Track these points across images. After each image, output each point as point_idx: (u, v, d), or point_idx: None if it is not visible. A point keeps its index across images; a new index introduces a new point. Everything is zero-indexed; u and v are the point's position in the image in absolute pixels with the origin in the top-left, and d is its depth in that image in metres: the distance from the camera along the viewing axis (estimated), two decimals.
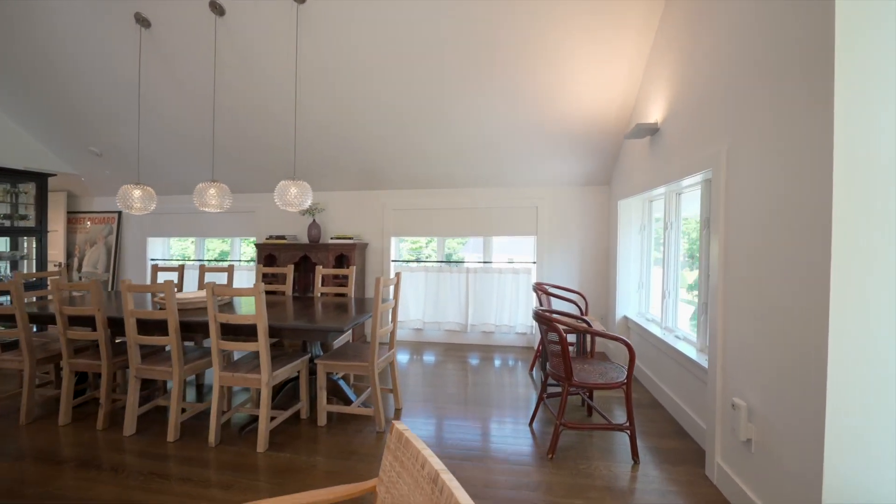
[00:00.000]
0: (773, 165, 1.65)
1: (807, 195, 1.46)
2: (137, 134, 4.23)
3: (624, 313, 3.83)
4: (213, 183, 3.15)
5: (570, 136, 3.73)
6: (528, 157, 4.01)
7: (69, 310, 2.64)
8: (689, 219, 3.07)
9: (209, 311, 2.37)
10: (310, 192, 3.02)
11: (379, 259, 4.69)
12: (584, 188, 4.33)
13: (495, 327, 4.46)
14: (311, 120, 3.81)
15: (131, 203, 3.24)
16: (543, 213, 4.35)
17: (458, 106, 3.52)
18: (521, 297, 4.43)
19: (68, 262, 5.60)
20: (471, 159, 4.09)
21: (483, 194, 4.48)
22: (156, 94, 3.81)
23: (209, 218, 5.20)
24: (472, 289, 4.50)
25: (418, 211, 4.61)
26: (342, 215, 4.78)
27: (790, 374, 1.52)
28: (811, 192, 1.43)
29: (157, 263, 4.29)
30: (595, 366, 2.49)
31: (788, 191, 1.55)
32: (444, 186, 4.53)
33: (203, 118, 3.95)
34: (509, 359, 4.16)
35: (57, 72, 3.74)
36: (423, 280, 4.61)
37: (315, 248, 4.39)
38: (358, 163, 4.30)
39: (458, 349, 4.41)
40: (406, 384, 3.39)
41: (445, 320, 4.56)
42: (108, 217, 5.53)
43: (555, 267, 4.36)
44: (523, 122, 3.61)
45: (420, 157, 4.13)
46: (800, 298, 1.48)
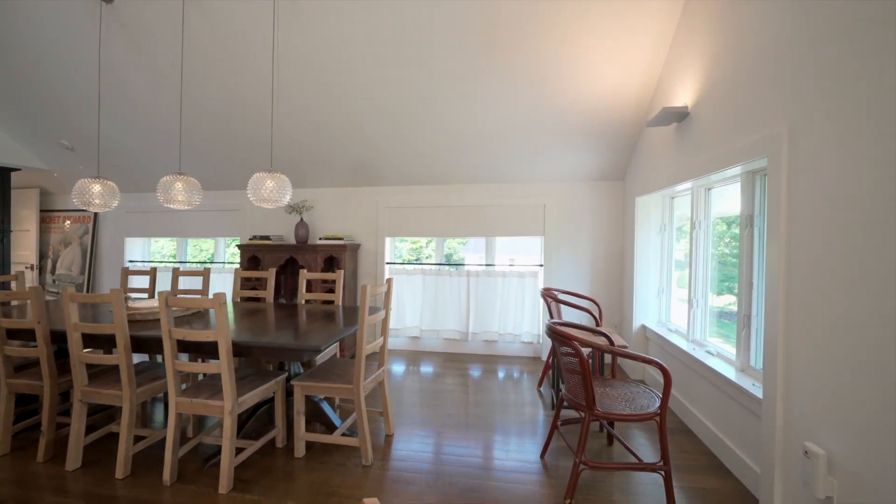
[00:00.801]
0: (849, 149, 1.27)
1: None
2: (98, 124, 3.87)
3: (642, 322, 3.46)
4: (181, 176, 2.78)
5: (582, 126, 3.36)
6: (535, 150, 3.64)
7: (5, 322, 2.27)
8: (719, 217, 2.70)
9: (163, 325, 2.00)
10: (289, 187, 2.65)
11: (372, 261, 4.32)
12: (596, 184, 3.96)
13: (499, 336, 4.09)
14: (297, 110, 3.45)
15: (90, 199, 2.87)
16: (551, 211, 3.98)
17: (457, 93, 3.15)
18: (527, 302, 4.05)
19: (41, 263, 5.25)
20: (472, 152, 3.72)
21: (485, 191, 4.11)
22: (128, 84, 3.45)
23: (191, 217, 4.84)
24: (474, 294, 4.13)
25: (415, 209, 4.24)
26: (332, 214, 4.41)
27: (894, 419, 1.15)
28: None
29: (127, 266, 3.92)
30: (618, 388, 2.11)
31: (877, 177, 1.18)
32: (443, 182, 4.16)
33: (181, 109, 3.59)
34: (514, 370, 3.79)
35: (19, 58, 3.38)
36: (420, 284, 4.24)
37: (302, 250, 4.02)
38: (349, 156, 3.94)
39: (458, 360, 4.04)
40: (400, 402, 3.01)
41: (444, 328, 4.19)
42: (84, 216, 5.17)
43: (564, 270, 3.99)
44: (530, 109, 3.24)
45: (416, 150, 3.76)
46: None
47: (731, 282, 2.68)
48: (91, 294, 2.17)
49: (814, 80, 1.48)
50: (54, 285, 5.23)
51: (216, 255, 5.04)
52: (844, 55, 1.34)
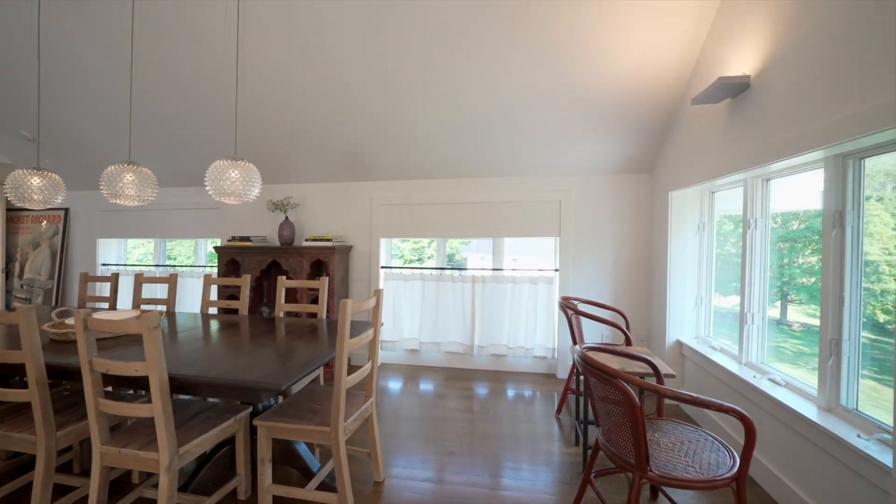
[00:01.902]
0: None
1: None
2: (37, 107, 3.43)
3: (676, 337, 2.97)
4: (131, 166, 2.32)
5: (607, 110, 2.88)
6: (551, 138, 3.16)
7: None
8: (777, 214, 2.22)
9: (81, 355, 1.55)
10: (257, 178, 2.19)
11: (365, 265, 3.86)
12: (619, 177, 3.47)
13: (508, 350, 3.62)
14: (274, 91, 2.98)
15: (27, 194, 2.42)
16: (568, 208, 3.50)
17: (466, 71, 2.68)
18: (540, 312, 3.58)
19: (7, 267, 4.82)
20: (478, 142, 3.25)
21: (493, 186, 3.64)
22: (88, 70, 3.01)
23: (168, 216, 4.39)
24: (480, 302, 3.66)
25: (413, 207, 3.78)
26: (321, 212, 3.95)
27: None
28: None
29: (86, 272, 3.48)
30: (671, 434, 1.64)
31: None
32: (445, 176, 3.69)
33: (150, 92, 3.14)
34: (525, 389, 3.32)
35: None
36: (419, 291, 3.77)
37: (286, 253, 3.56)
38: (339, 147, 3.47)
39: (462, 377, 3.57)
40: (393, 435, 2.55)
41: (447, 340, 3.72)
42: (54, 215, 4.74)
43: (582, 276, 3.50)
44: (548, 90, 2.76)
45: (416, 139, 3.29)
46: None
47: (793, 292, 2.20)
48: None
49: None
50: (22, 291, 4.81)
51: (197, 258, 4.60)
52: None
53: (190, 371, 1.60)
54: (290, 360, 1.75)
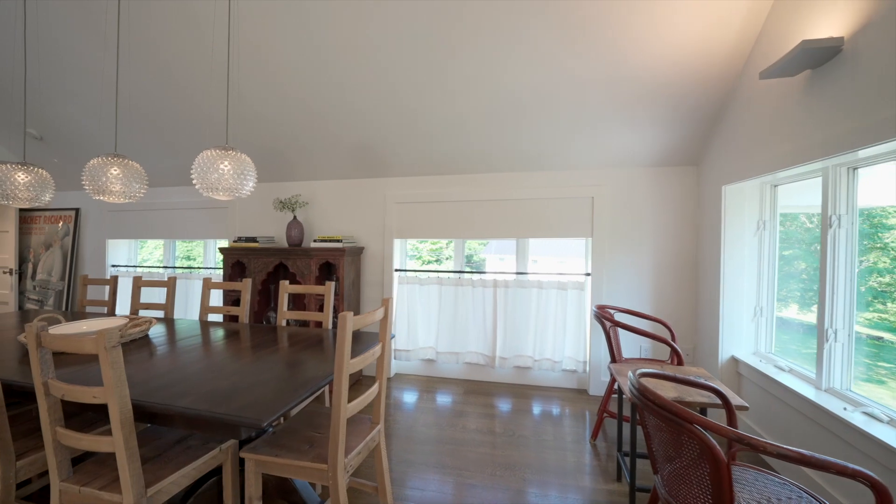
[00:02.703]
0: None
1: None
2: (24, 103, 3.28)
3: (731, 353, 2.58)
4: (117, 159, 2.11)
5: (647, 93, 2.51)
6: (582, 128, 2.81)
7: None
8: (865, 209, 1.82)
9: (34, 376, 1.31)
10: (251, 171, 1.94)
11: (378, 267, 3.59)
12: (660, 171, 3.09)
13: (533, 362, 3.28)
14: (286, 84, 2.74)
15: (12, 191, 2.24)
16: (602, 205, 3.14)
17: (485, 58, 2.37)
18: (570, 321, 3.22)
19: (21, 268, 4.77)
20: (502, 133, 2.93)
21: (518, 182, 3.31)
22: (90, 63, 2.84)
23: (176, 216, 4.24)
24: (502, 309, 3.33)
25: (430, 205, 3.48)
26: (331, 211, 3.70)
27: None
28: None
29: (86, 275, 3.32)
30: (754, 488, 1.29)
31: None
32: (465, 171, 3.38)
33: (151, 88, 2.95)
34: (553, 406, 2.98)
35: None
36: (435, 295, 3.48)
37: (293, 254, 3.33)
38: (349, 141, 3.21)
39: (482, 391, 3.25)
40: (406, 461, 2.25)
41: (466, 350, 3.41)
42: (65, 215, 4.65)
43: (618, 281, 3.14)
44: (577, 74, 2.42)
45: (433, 131, 3.00)
46: None
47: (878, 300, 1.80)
48: None
49: None
50: (35, 292, 4.75)
51: (205, 260, 4.43)
52: None
53: (161, 396, 1.34)
54: (284, 382, 1.48)
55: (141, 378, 1.49)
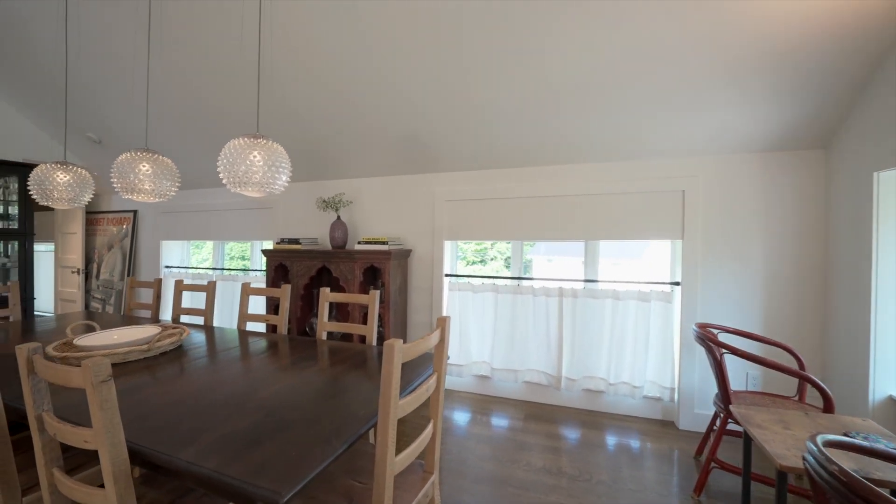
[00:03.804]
0: None
1: None
2: (64, 104, 3.25)
3: (888, 392, 1.96)
4: (147, 153, 1.92)
5: (769, 56, 1.97)
6: (670, 107, 2.30)
7: None
8: None
9: (27, 408, 1.09)
10: (285, 162, 1.66)
11: (427, 272, 3.25)
12: (774, 156, 2.50)
13: (607, 385, 2.79)
14: (326, 75, 2.48)
15: (51, 192, 2.13)
16: (695, 201, 2.59)
17: (545, 28, 1.95)
18: (654, 338, 2.70)
19: (87, 268, 4.96)
20: (569, 119, 2.49)
21: (588, 174, 2.84)
22: (138, 66, 2.76)
23: (224, 217, 4.17)
24: (570, 321, 2.87)
25: (485, 202, 3.10)
26: (377, 210, 3.42)
27: None
28: None
29: (133, 277, 3.27)
30: None
31: None
32: (524, 164, 2.96)
33: (199, 86, 2.83)
34: (632, 439, 2.49)
35: (29, 37, 2.84)
36: (490, 304, 3.08)
37: (336, 257, 3.08)
38: (396, 134, 2.91)
39: (545, 416, 2.81)
40: (459, 497, 1.89)
41: (525, 367, 2.99)
42: (124, 218, 4.78)
43: (717, 293, 2.58)
44: (667, 41, 1.93)
45: (488, 119, 2.61)
46: None
47: None
48: None
49: None
50: (99, 291, 4.92)
51: (252, 262, 4.34)
52: None
53: (168, 439, 1.06)
54: (316, 424, 1.16)
55: (152, 407, 1.24)
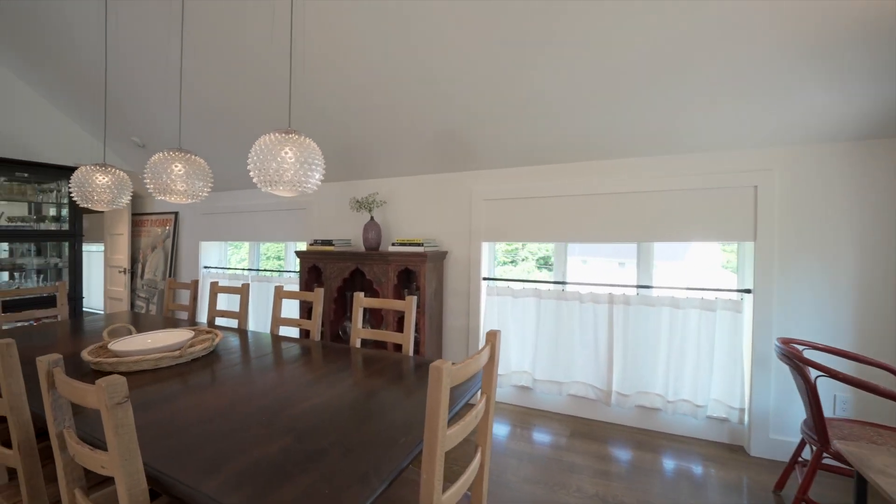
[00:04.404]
0: None
1: None
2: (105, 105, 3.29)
3: None
4: (180, 153, 1.86)
5: (856, 24, 1.66)
6: (741, 89, 2.02)
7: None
8: None
9: (49, 427, 1.02)
10: (319, 159, 1.54)
11: (463, 275, 3.09)
12: (865, 145, 2.16)
13: (664, 403, 2.52)
14: (357, 68, 2.37)
15: (90, 194, 2.12)
16: (770, 197, 2.29)
17: (607, 4, 1.73)
18: (720, 351, 2.42)
19: (133, 268, 5.14)
20: (624, 108, 2.25)
21: (641, 169, 2.58)
22: (189, 65, 2.76)
23: (259, 218, 4.18)
24: (621, 331, 2.62)
25: (526, 202, 2.90)
26: (411, 210, 3.29)
27: None
28: None
29: (172, 278, 3.29)
30: None
31: None
32: (568, 159, 2.74)
33: (229, 87, 2.80)
34: (695, 464, 2.22)
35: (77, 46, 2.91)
36: (532, 310, 2.88)
37: (370, 259, 2.97)
38: (432, 129, 2.76)
39: (594, 433, 2.58)
40: None
41: (571, 380, 2.76)
42: (166, 219, 4.90)
43: (797, 302, 2.26)
44: (736, 10, 1.66)
45: (531, 111, 2.42)
46: None
47: None
48: None
49: None
50: (143, 290, 5.08)
51: (286, 263, 4.33)
52: None
53: (192, 463, 0.95)
54: (349, 453, 1.02)
55: (179, 423, 1.14)
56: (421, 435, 1.12)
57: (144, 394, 1.39)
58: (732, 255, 2.86)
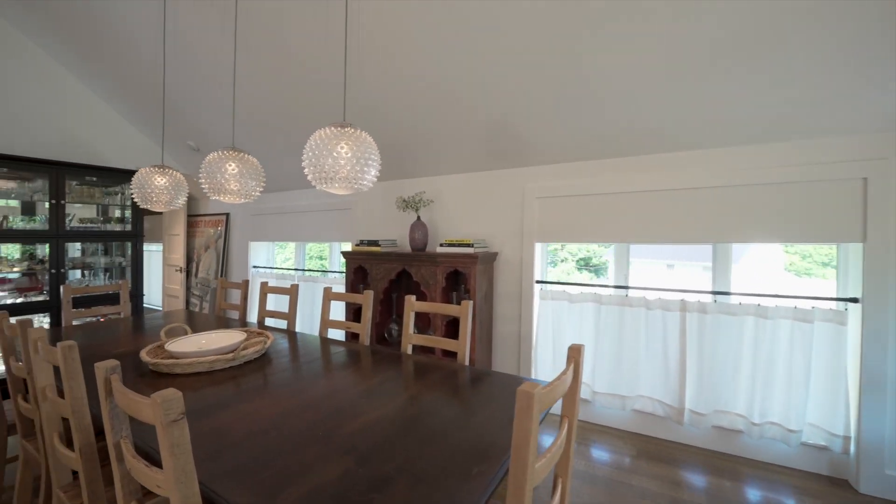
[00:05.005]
0: None
1: None
2: (162, 107, 3.36)
3: None
4: (234, 152, 1.83)
5: None
6: (851, 61, 1.72)
7: None
8: None
9: (107, 436, 0.97)
10: (374, 154, 1.44)
11: (514, 277, 2.92)
12: None
13: (748, 424, 2.23)
14: (407, 59, 2.27)
15: (150, 195, 2.15)
16: (884, 191, 1.95)
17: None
18: (819, 369, 2.10)
19: (188, 267, 5.36)
20: (699, 91, 2.00)
21: (718, 162, 2.31)
22: (243, 73, 2.80)
23: (305, 218, 4.21)
24: (695, 342, 2.36)
25: (583, 199, 2.69)
26: (458, 210, 3.16)
27: None
28: None
29: (223, 278, 3.35)
30: None
31: None
32: (632, 153, 2.51)
33: (277, 87, 2.80)
34: (787, 498, 1.94)
35: (136, 52, 3.03)
36: (591, 317, 2.66)
37: (417, 260, 2.87)
38: (482, 123, 2.62)
39: (664, 454, 2.33)
40: None
41: (636, 393, 2.52)
42: (218, 220, 5.07)
43: None
44: None
45: (591, 98, 2.21)
46: None
47: None
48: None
49: None
50: (197, 289, 5.29)
51: (330, 263, 4.34)
52: None
53: (246, 489, 0.86)
54: (421, 484, 0.89)
55: (234, 436, 1.07)
56: (496, 464, 0.98)
57: (199, 398, 1.34)
58: (796, 256, 2.53)
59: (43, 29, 3.27)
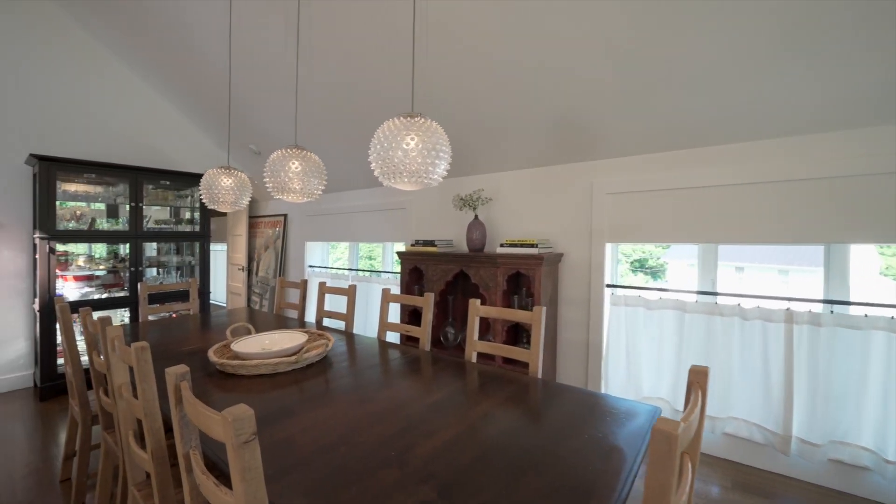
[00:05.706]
0: None
1: None
2: (228, 111, 3.43)
3: None
4: (297, 150, 1.79)
5: None
6: None
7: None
8: None
9: (177, 446, 0.93)
10: (445, 148, 1.32)
11: (581, 280, 2.69)
12: None
13: (880, 462, 1.87)
14: (473, 50, 2.14)
15: (217, 195, 2.19)
16: None
17: None
18: None
19: (249, 266, 5.60)
20: (803, 67, 1.68)
21: (825, 149, 1.95)
22: (303, 76, 2.84)
23: (358, 218, 4.22)
24: (804, 360, 2.02)
25: (659, 195, 2.42)
26: (518, 208, 2.98)
27: None
28: None
29: (282, 278, 3.40)
30: None
31: None
32: (715, 142, 2.21)
33: (337, 86, 2.79)
34: None
35: (204, 60, 3.17)
36: (672, 326, 2.38)
37: (475, 261, 2.73)
38: (547, 117, 2.43)
39: (764, 488, 2.01)
40: None
41: (727, 415, 2.21)
42: (277, 221, 5.25)
43: None
44: None
45: (672, 83, 1.95)
46: None
47: None
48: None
49: None
50: (258, 287, 5.51)
51: (383, 262, 4.32)
52: None
53: None
54: None
55: (303, 452, 0.98)
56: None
57: (265, 404, 1.29)
58: (895, 259, 2.10)
59: (125, 46, 3.50)
